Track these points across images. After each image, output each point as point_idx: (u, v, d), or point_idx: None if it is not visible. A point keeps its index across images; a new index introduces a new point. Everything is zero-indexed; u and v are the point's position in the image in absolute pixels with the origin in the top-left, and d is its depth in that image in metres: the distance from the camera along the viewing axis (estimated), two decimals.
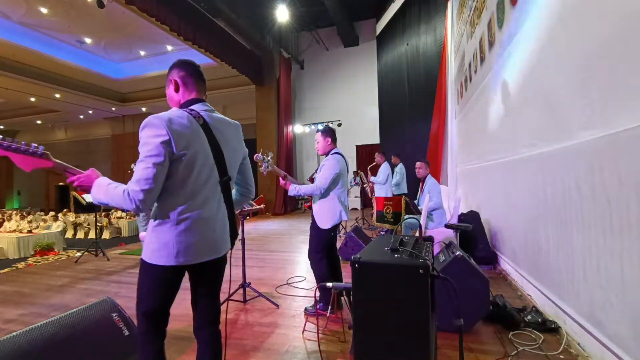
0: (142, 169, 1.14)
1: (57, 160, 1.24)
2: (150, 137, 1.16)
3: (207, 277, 1.40)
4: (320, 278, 2.68)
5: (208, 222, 1.29)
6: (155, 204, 1.24)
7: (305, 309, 2.78)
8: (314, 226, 2.72)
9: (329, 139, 2.77)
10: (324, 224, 2.64)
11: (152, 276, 1.27)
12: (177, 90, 1.37)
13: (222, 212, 1.36)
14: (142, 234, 5.45)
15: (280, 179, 2.76)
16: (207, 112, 1.35)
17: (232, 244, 1.47)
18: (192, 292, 1.41)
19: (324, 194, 2.66)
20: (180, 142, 1.19)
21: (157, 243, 1.23)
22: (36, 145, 1.19)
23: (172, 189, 1.22)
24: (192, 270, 1.34)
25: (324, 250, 2.70)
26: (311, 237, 2.77)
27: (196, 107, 1.33)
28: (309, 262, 2.79)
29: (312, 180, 2.90)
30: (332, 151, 2.76)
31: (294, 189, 2.67)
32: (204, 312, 1.42)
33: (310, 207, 2.82)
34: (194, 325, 1.43)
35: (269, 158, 2.67)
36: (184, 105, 1.34)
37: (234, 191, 1.53)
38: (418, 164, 4.37)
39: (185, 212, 1.23)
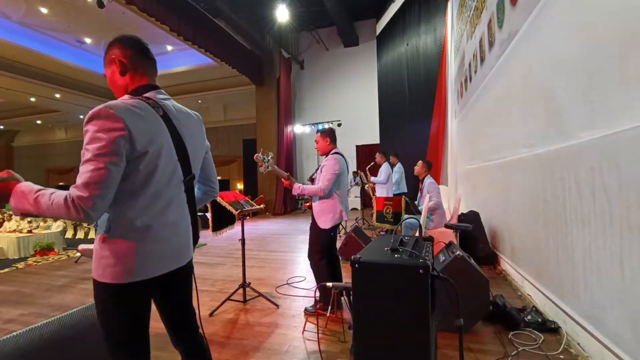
0: (91, 171, 0.92)
1: None
2: (103, 131, 0.94)
3: (176, 287, 1.23)
4: (320, 278, 2.68)
5: (172, 227, 1.13)
6: (108, 211, 1.03)
7: (305, 309, 2.78)
8: (314, 226, 2.73)
9: (328, 139, 2.79)
10: (325, 224, 2.65)
11: (112, 298, 1.05)
12: (123, 73, 1.14)
13: (186, 214, 1.20)
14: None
15: (283, 180, 2.77)
16: (164, 100, 1.15)
17: (194, 247, 1.29)
18: (159, 307, 1.24)
19: (326, 194, 2.67)
20: (141, 137, 0.99)
21: (112, 257, 1.02)
22: None
23: (131, 192, 1.02)
24: (154, 285, 1.12)
25: (324, 251, 2.71)
26: (311, 237, 2.77)
27: (151, 94, 1.13)
28: (309, 262, 2.80)
29: (312, 180, 2.90)
30: (332, 151, 2.77)
31: (298, 188, 2.69)
32: (179, 326, 1.27)
33: (310, 207, 2.83)
34: (171, 339, 1.28)
35: (269, 158, 2.67)
36: (135, 93, 1.13)
37: (195, 189, 1.33)
38: (419, 162, 4.38)
39: (146, 217, 1.05)
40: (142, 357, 1.13)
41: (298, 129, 11.56)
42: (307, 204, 2.88)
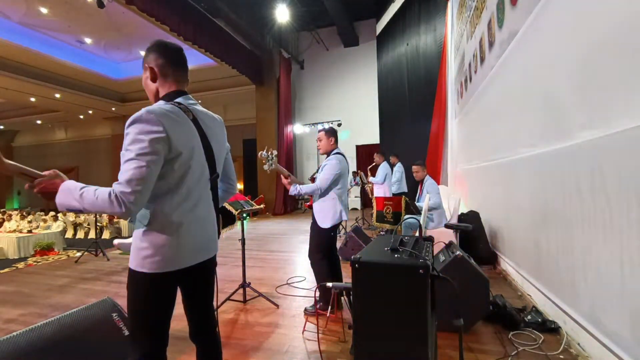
0: (133, 168, 1.02)
1: (9, 161, 1.08)
2: (144, 133, 1.04)
3: (202, 279, 1.32)
4: (320, 278, 2.68)
5: (202, 221, 1.24)
6: (147, 207, 1.13)
7: (305, 309, 2.78)
8: (314, 226, 2.73)
9: (332, 139, 2.79)
10: (325, 223, 2.65)
11: (148, 286, 1.15)
12: (153, 79, 1.24)
13: (212, 210, 1.31)
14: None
15: (283, 177, 2.76)
16: (193, 105, 1.26)
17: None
18: (186, 298, 1.32)
19: (325, 193, 2.67)
20: (178, 139, 1.10)
21: (151, 248, 1.12)
22: None
23: (167, 190, 1.13)
24: (185, 275, 1.22)
25: (325, 250, 2.71)
26: (311, 237, 2.78)
27: (181, 100, 1.23)
28: (309, 262, 2.80)
29: (313, 180, 2.90)
30: (334, 151, 2.77)
31: (294, 189, 2.68)
32: (201, 318, 1.35)
33: (310, 207, 2.83)
34: (191, 331, 1.36)
35: (273, 156, 2.67)
36: (167, 98, 1.23)
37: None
38: (414, 167, 4.37)
39: (181, 212, 1.16)
40: (163, 343, 1.22)
41: (298, 129, 11.56)
42: (308, 204, 2.88)
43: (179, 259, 1.16)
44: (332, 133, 2.80)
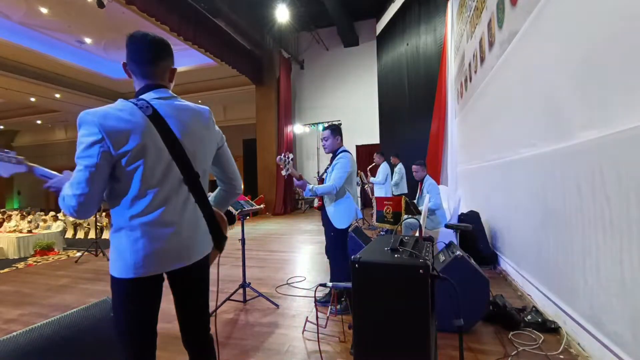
0: (75, 171, 1.04)
1: (34, 165, 1.20)
2: (83, 136, 1.04)
3: (185, 286, 1.25)
4: (348, 274, 2.69)
5: (170, 226, 1.13)
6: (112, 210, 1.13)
7: (317, 300, 2.76)
8: (331, 228, 2.72)
9: (338, 137, 2.80)
10: (342, 223, 2.66)
11: (117, 291, 1.13)
12: (128, 75, 1.22)
13: (191, 214, 1.19)
14: None
15: (295, 180, 2.76)
16: (160, 99, 1.15)
17: (222, 247, 1.34)
18: (175, 303, 1.28)
19: (340, 193, 2.66)
20: (118, 140, 1.03)
21: (115, 252, 1.10)
22: (7, 150, 1.22)
23: (124, 192, 1.08)
24: (169, 279, 1.20)
25: (344, 249, 2.74)
26: (330, 239, 2.77)
27: (146, 96, 1.15)
28: (328, 262, 2.80)
29: (322, 181, 2.89)
30: (341, 149, 2.77)
31: (310, 190, 2.67)
32: (186, 327, 1.30)
33: (319, 209, 2.81)
34: (182, 336, 1.31)
35: (289, 160, 2.67)
36: (138, 94, 1.18)
37: (217, 188, 1.40)
38: (414, 167, 4.38)
39: (138, 216, 1.08)
40: (145, 351, 1.17)
41: (298, 129, 11.55)
42: (316, 206, 2.87)
43: (141, 265, 1.08)
44: (337, 131, 2.80)
